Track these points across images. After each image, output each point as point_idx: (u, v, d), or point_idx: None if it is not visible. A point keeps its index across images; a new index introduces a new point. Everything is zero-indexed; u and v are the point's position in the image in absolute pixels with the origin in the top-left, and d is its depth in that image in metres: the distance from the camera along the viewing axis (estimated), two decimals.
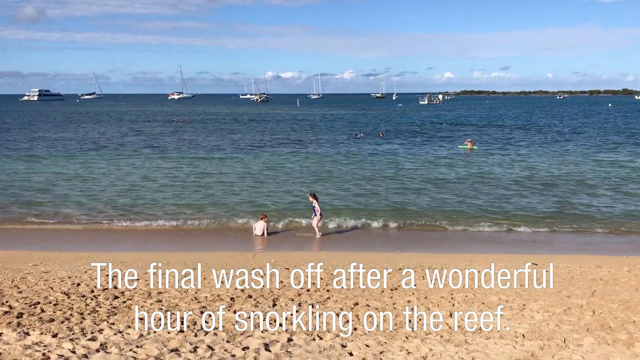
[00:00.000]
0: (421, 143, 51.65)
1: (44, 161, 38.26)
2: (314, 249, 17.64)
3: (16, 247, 17.32)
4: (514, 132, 65.81)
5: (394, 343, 8.82)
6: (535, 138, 57.08)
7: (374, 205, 23.99)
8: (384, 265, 15.11)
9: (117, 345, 8.15)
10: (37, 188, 27.78)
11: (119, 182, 29.68)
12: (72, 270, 13.98)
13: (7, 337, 8.48)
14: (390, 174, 32.84)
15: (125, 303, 10.96)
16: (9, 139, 55.25)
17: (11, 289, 11.93)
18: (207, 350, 8.02)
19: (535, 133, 63.85)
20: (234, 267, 14.73)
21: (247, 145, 50.21)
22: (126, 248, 17.48)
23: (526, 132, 64.92)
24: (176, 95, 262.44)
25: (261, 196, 25.80)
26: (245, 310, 10.61)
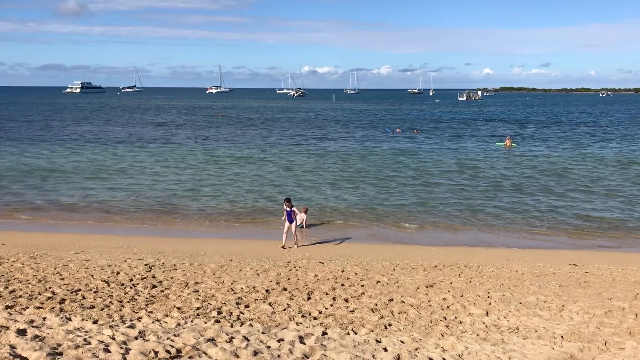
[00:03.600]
0: (458, 140, 51.00)
1: (87, 152, 39.18)
2: (348, 244, 17.59)
3: (60, 234, 17.80)
4: (553, 129, 64.40)
5: (429, 340, 8.76)
6: (574, 137, 55.74)
7: (408, 202, 23.82)
8: (419, 262, 15.01)
9: (155, 333, 8.30)
10: (83, 177, 28.48)
11: (160, 174, 30.19)
12: (111, 259, 14.29)
13: (51, 322, 8.72)
14: (425, 170, 32.53)
15: (163, 292, 11.16)
16: (57, 130, 56.76)
17: (54, 276, 12.27)
18: (242, 341, 8.09)
19: (575, 131, 62.35)
20: (270, 259, 14.86)
21: (284, 139, 50.43)
22: (164, 239, 17.74)
23: (566, 130, 63.45)
24: (214, 89, 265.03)
25: (295, 190, 25.86)
26: (280, 302, 10.68)
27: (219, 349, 7.67)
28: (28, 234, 18.02)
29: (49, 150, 40.24)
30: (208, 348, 7.70)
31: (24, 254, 14.60)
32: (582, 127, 68.20)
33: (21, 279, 11.92)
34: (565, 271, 14.31)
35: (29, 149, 40.52)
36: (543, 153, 41.21)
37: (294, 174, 30.87)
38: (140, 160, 35.55)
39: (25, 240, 16.74)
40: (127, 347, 7.57)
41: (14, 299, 10.24)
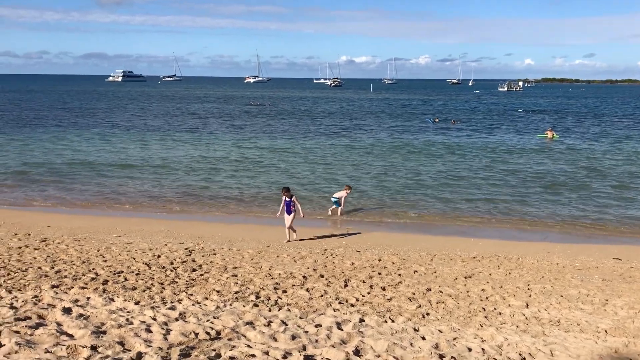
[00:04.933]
0: (498, 131, 50.15)
1: (122, 139, 40.00)
2: (385, 234, 17.50)
3: (102, 217, 18.24)
4: (596, 122, 62.67)
5: (467, 330, 8.67)
6: (618, 129, 54.13)
7: (446, 194, 23.56)
8: (458, 252, 14.85)
9: (195, 315, 8.43)
10: (120, 163, 29.13)
11: (197, 162, 30.63)
12: (152, 243, 14.58)
13: (95, 302, 8.95)
14: (463, 162, 32.12)
15: (202, 276, 11.33)
16: (94, 118, 58.08)
17: (97, 258, 12.59)
18: (280, 325, 8.16)
19: (619, 124, 60.55)
20: (307, 247, 14.92)
21: (320, 129, 50.47)
22: (203, 224, 17.97)
23: (609, 123, 61.67)
24: (252, 79, 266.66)
25: (333, 178, 25.87)
26: (317, 289, 10.72)
27: (257, 332, 7.74)
28: (71, 216, 18.53)
29: (83, 137, 41.22)
30: (247, 331, 7.78)
31: (68, 236, 15.02)
32: (626, 120, 66.17)
33: (66, 260, 12.27)
34: (608, 265, 13.96)
35: (65, 136, 41.59)
36: (585, 146, 40.18)
37: (329, 163, 30.88)
38: (177, 148, 36.11)
39: (69, 223, 17.21)
40: (168, 328, 7.71)
41: (60, 279, 10.55)
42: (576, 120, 63.68)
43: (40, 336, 6.97)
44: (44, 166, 28.25)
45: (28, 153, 32.61)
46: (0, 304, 8.51)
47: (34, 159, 30.60)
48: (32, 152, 32.89)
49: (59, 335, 7.04)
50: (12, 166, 28.16)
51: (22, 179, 25.12)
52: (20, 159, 30.30)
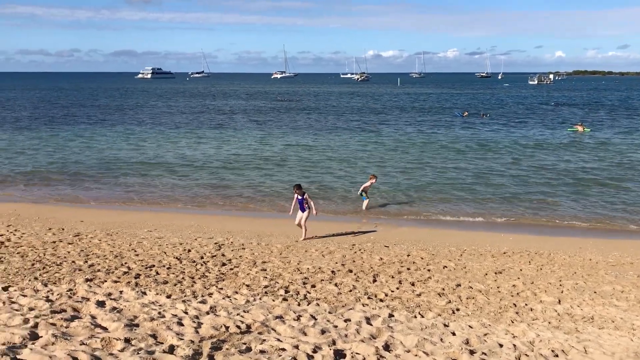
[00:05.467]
0: (527, 125, 49.37)
1: (149, 135, 40.53)
2: (413, 229, 17.41)
3: (133, 212, 18.53)
4: (629, 115, 61.22)
5: (498, 326, 8.58)
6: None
7: (475, 188, 23.32)
8: (487, 248, 14.70)
9: (225, 309, 8.52)
10: (146, 159, 29.55)
11: (227, 158, 30.88)
12: (183, 237, 14.76)
13: (127, 295, 9.11)
14: (493, 156, 31.73)
15: (232, 270, 11.44)
16: (121, 114, 58.96)
17: (129, 252, 12.80)
18: (310, 320, 8.19)
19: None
20: (334, 241, 14.92)
21: (348, 124, 50.37)
22: (232, 219, 18.10)
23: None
24: (279, 74, 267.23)
25: (360, 173, 25.82)
26: (346, 283, 10.73)
27: (287, 326, 7.79)
28: (103, 212, 18.86)
29: (112, 134, 41.88)
30: (277, 325, 7.83)
31: (100, 231, 15.30)
32: None
33: (99, 254, 12.51)
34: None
35: (94, 133, 42.30)
36: (616, 140, 39.31)
37: (357, 157, 30.82)
38: (204, 145, 36.44)
39: (101, 218, 17.52)
40: (199, 321, 7.80)
41: (93, 273, 10.77)
42: (608, 114, 62.31)
43: (76, 328, 7.12)
44: (75, 163, 28.80)
45: (60, 150, 33.28)
46: (37, 297, 8.71)
47: (65, 155, 31.22)
48: (63, 149, 33.55)
49: (94, 328, 7.18)
50: (44, 163, 28.78)
51: (54, 175, 25.64)
52: (52, 156, 30.95)
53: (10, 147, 34.20)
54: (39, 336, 6.72)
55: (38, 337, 6.70)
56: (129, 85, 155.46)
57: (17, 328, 6.92)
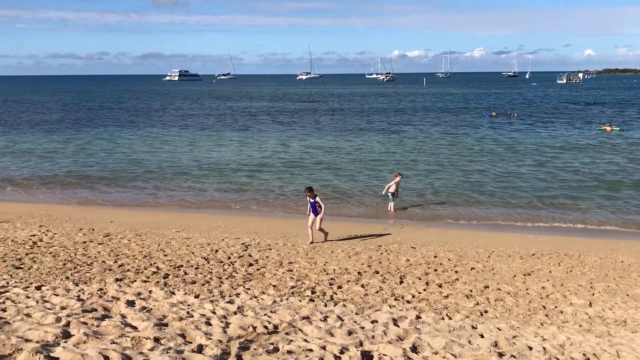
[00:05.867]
0: (556, 124, 48.61)
1: (175, 136, 40.98)
2: (440, 230, 17.29)
3: (161, 213, 18.76)
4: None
5: (527, 329, 8.47)
6: None
7: (503, 189, 23.05)
8: (516, 249, 14.52)
9: (252, 309, 8.57)
10: (175, 164, 29.88)
11: (252, 160, 31.07)
12: (210, 238, 14.89)
13: (156, 295, 9.23)
14: (520, 156, 31.32)
15: (259, 270, 11.50)
16: (157, 118, 59.74)
17: (158, 252, 12.97)
18: (337, 320, 8.19)
19: None
20: (361, 242, 14.90)
21: (374, 125, 50.26)
22: (258, 219, 18.20)
23: None
24: (304, 75, 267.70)
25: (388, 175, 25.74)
26: (373, 285, 10.70)
27: (314, 327, 7.80)
28: (132, 212, 19.14)
29: (138, 136, 42.44)
30: (303, 325, 7.85)
31: (130, 231, 15.52)
32: None
33: (128, 254, 12.70)
34: None
35: (121, 135, 42.93)
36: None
37: (383, 158, 30.73)
38: (229, 146, 36.71)
39: (130, 218, 17.78)
40: (227, 321, 7.86)
41: (123, 273, 10.93)
42: (639, 113, 61.00)
43: (106, 327, 7.24)
44: (101, 165, 29.29)
45: (86, 152, 33.88)
46: (68, 296, 8.88)
47: (92, 158, 31.77)
48: (90, 151, 34.15)
49: (124, 327, 7.29)
50: (72, 165, 29.31)
51: (81, 177, 26.11)
52: (79, 158, 31.51)
53: (39, 149, 34.93)
54: (71, 335, 6.84)
55: (70, 335, 6.82)
56: (157, 88, 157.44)
57: (50, 326, 7.05)
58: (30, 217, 17.49)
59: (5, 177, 26.20)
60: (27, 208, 19.49)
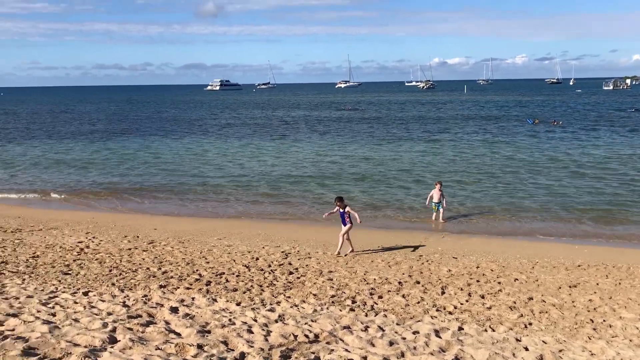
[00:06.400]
0: (601, 132, 47.28)
1: (216, 145, 41.55)
2: (482, 240, 17.01)
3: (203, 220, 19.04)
4: None
5: (574, 342, 8.25)
6: None
7: (547, 199, 22.55)
8: (561, 260, 14.17)
9: (293, 317, 8.61)
10: (213, 173, 30.31)
11: (290, 168, 31.26)
12: (251, 246, 15.03)
13: (199, 302, 9.36)
14: (565, 165, 30.59)
15: (299, 279, 11.55)
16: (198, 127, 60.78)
17: (200, 259, 13.16)
18: (377, 331, 8.15)
19: None
20: (401, 252, 14.79)
21: (414, 133, 49.94)
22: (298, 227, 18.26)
23: None
24: (343, 84, 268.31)
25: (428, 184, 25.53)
26: (414, 295, 10.61)
27: (355, 336, 7.78)
28: (175, 219, 19.48)
29: (176, 144, 43.17)
30: (344, 335, 7.84)
31: (173, 238, 15.80)
32: None
33: (172, 261, 12.93)
34: None
35: (160, 144, 43.75)
36: None
37: (423, 167, 30.47)
38: (268, 154, 37.00)
39: (173, 225, 18.10)
40: (268, 329, 7.91)
41: (166, 279, 11.13)
42: None
43: (151, 334, 7.38)
44: (141, 174, 29.91)
45: (128, 161, 34.67)
46: (114, 302, 9.10)
47: (134, 166, 32.49)
48: (132, 161, 34.93)
49: (168, 333, 7.42)
50: (115, 173, 30.04)
51: (125, 184, 26.73)
52: (124, 167, 32.28)
53: (83, 158, 35.94)
54: (117, 340, 7.00)
55: (116, 341, 6.98)
56: (199, 98, 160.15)
57: (97, 332, 7.24)
58: (77, 224, 18.00)
59: (52, 185, 27.05)
60: (74, 215, 20.08)
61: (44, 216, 19.65)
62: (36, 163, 33.92)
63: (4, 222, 18.10)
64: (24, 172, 30.91)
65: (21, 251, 13.80)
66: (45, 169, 31.59)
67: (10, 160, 35.21)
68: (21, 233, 16.45)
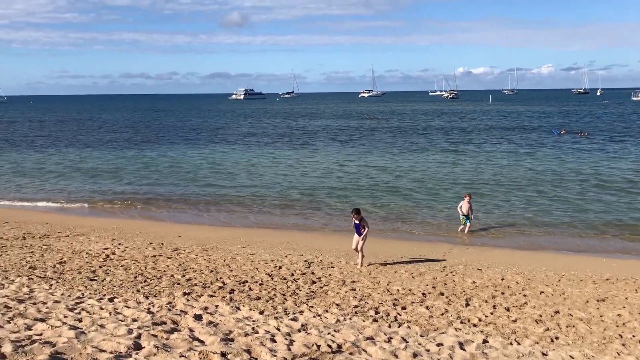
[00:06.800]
0: (628, 144, 46.48)
1: (236, 152, 41.81)
2: (507, 252, 16.80)
3: (226, 229, 19.14)
4: None
5: (602, 358, 8.09)
6: None
7: (574, 211, 22.20)
8: (588, 273, 13.92)
9: (316, 327, 8.59)
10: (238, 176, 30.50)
11: (310, 177, 31.30)
12: (274, 254, 15.06)
13: (222, 310, 9.41)
14: (593, 178, 30.10)
15: (322, 288, 11.53)
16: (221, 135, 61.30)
17: (223, 267, 13.23)
18: (401, 342, 8.09)
19: None
20: (425, 263, 14.68)
21: (439, 143, 49.67)
22: (321, 237, 18.26)
23: None
24: (366, 93, 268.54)
25: (450, 193, 25.34)
26: (438, 307, 10.52)
27: (378, 347, 7.73)
28: (199, 227, 19.62)
29: (197, 153, 43.54)
30: (367, 346, 7.80)
31: (197, 246, 15.92)
32: None
33: (195, 268, 13.02)
34: None
35: (182, 152, 44.14)
36: None
37: (447, 178, 30.26)
38: (295, 163, 37.09)
39: (197, 233, 18.24)
40: (291, 338, 7.91)
41: (190, 287, 11.21)
42: None
43: (175, 340, 7.43)
44: (163, 183, 30.22)
45: (154, 169, 35.05)
46: (139, 308, 9.19)
47: (159, 174, 32.84)
48: (157, 168, 35.31)
49: (192, 341, 7.46)
50: (138, 181, 30.40)
51: (149, 192, 27.02)
52: (147, 175, 32.65)
53: (107, 166, 36.44)
54: (142, 346, 7.06)
55: (141, 347, 7.04)
56: (223, 106, 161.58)
57: (122, 338, 7.31)
58: (103, 231, 18.25)
59: (78, 192, 27.47)
60: (99, 222, 20.36)
61: (70, 222, 19.97)
62: (61, 171, 34.46)
63: (32, 228, 18.44)
64: (50, 179, 31.45)
65: (49, 257, 14.03)
66: (70, 177, 32.07)
67: (36, 168, 35.88)
68: (49, 239, 16.74)
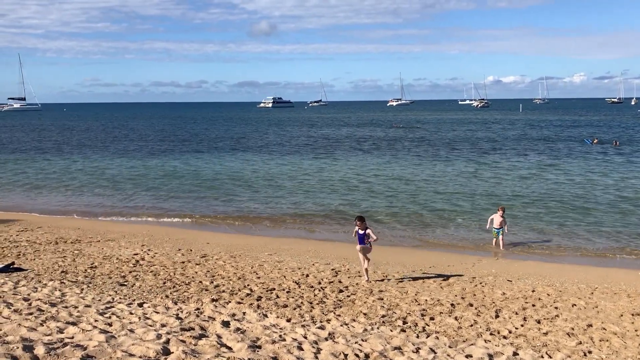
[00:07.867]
0: None
1: (262, 161, 41.99)
2: (538, 263, 16.51)
3: (254, 236, 19.23)
4: None
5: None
6: None
7: (606, 222, 21.73)
8: (622, 286, 13.59)
9: (343, 336, 8.55)
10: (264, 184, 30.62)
11: (340, 185, 31.26)
12: (301, 262, 15.07)
13: (250, 317, 9.44)
14: (627, 188, 29.44)
15: (349, 297, 11.48)
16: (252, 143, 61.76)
17: (251, 274, 13.28)
18: (429, 353, 8.00)
19: None
20: (453, 274, 14.51)
21: (468, 152, 49.22)
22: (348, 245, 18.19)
23: None
24: (394, 102, 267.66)
25: (484, 204, 25.05)
26: (467, 318, 10.38)
27: (406, 357, 7.66)
28: (227, 234, 19.76)
29: (223, 160, 43.84)
30: (395, 356, 7.73)
31: (225, 253, 16.03)
32: None
33: (223, 275, 13.10)
34: None
35: (208, 160, 44.52)
36: None
37: (478, 190, 29.92)
38: (321, 171, 37.11)
39: (225, 240, 18.36)
40: (318, 347, 7.88)
41: (218, 293, 11.28)
42: None
43: (203, 347, 7.47)
44: (190, 191, 30.51)
45: (179, 175, 35.43)
46: (168, 314, 9.27)
47: (186, 181, 33.18)
48: (182, 175, 35.68)
49: (219, 347, 7.49)
50: (166, 188, 30.75)
51: (172, 199, 27.31)
52: (173, 182, 33.01)
53: (133, 174, 36.95)
54: (170, 352, 7.11)
55: (170, 352, 7.10)
56: (251, 115, 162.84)
57: (151, 342, 7.38)
58: (132, 237, 18.51)
59: (105, 199, 27.92)
60: (129, 228, 20.65)
61: (101, 228, 20.30)
62: (90, 178, 35.03)
63: (65, 233, 18.80)
64: (80, 186, 32.01)
65: (80, 261, 14.28)
66: (98, 184, 32.55)
67: (67, 175, 36.58)
68: (80, 244, 17.04)
